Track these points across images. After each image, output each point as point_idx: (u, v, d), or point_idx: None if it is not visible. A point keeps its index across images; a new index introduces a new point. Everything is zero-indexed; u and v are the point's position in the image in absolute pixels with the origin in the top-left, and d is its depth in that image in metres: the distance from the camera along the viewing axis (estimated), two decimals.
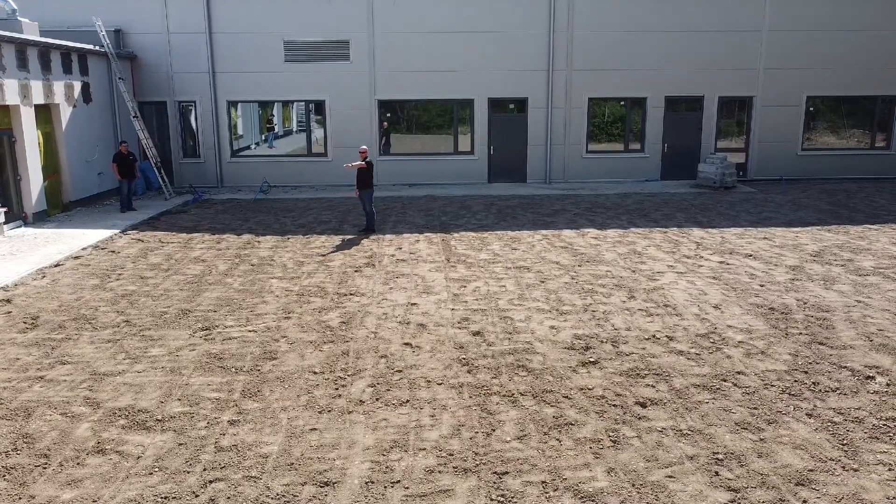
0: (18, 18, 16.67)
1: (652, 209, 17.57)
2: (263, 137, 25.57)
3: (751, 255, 12.62)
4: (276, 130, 26.34)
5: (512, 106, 21.83)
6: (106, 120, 19.23)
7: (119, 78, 19.06)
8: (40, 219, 15.77)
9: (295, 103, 24.90)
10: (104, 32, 18.75)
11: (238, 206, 18.61)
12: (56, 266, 12.10)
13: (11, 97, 14.64)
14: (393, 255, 12.92)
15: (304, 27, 20.74)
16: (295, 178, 21.73)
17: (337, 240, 14.31)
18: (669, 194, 19.88)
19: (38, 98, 15.71)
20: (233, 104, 21.61)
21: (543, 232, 14.87)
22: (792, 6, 21.28)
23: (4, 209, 14.34)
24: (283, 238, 14.52)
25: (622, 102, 22.10)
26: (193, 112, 21.32)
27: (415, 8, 20.78)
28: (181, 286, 10.93)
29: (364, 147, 14.96)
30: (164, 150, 21.11)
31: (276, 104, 24.72)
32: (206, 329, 8.95)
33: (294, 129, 26.72)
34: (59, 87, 16.65)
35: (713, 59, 21.47)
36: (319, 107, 21.76)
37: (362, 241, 14.11)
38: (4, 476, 5.58)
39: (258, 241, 14.21)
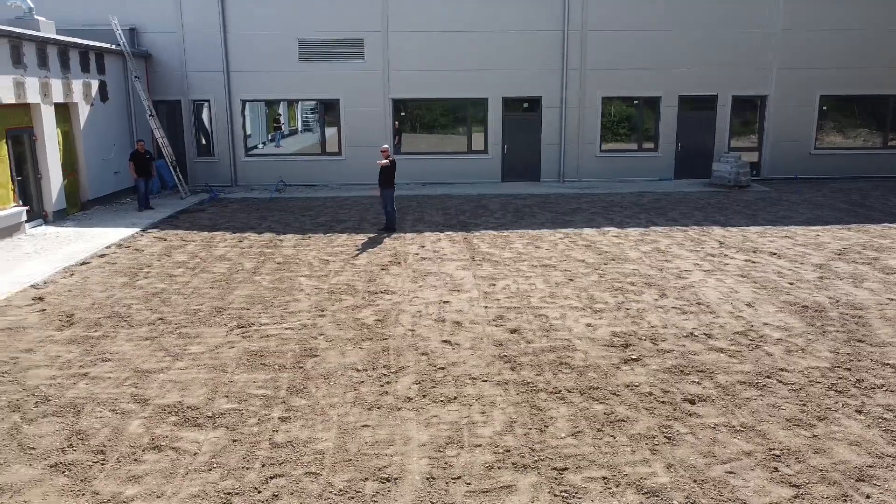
0: (35, 17, 16.66)
1: (669, 208, 17.60)
2: (270, 137, 25.58)
3: (775, 254, 12.65)
4: (284, 130, 26.34)
5: (526, 105, 21.85)
6: (122, 119, 19.23)
7: (135, 77, 19.05)
8: (60, 217, 15.76)
9: (300, 102, 24.87)
10: (120, 31, 18.75)
11: (254, 204, 18.62)
12: (83, 264, 12.09)
13: (32, 95, 14.63)
14: (417, 254, 12.93)
15: (319, 26, 20.75)
16: (309, 177, 21.73)
17: (358, 238, 14.32)
18: (684, 193, 19.91)
19: (58, 97, 15.70)
20: (247, 103, 21.60)
21: (564, 230, 14.90)
22: (806, 5, 21.34)
23: (26, 207, 14.34)
24: (305, 236, 14.52)
25: (636, 101, 22.14)
26: (207, 111, 21.32)
27: (429, 7, 20.80)
28: (210, 284, 10.93)
29: (385, 146, 14.98)
30: (178, 148, 21.08)
31: (281, 103, 24.67)
32: (242, 327, 8.96)
33: (299, 129, 26.70)
34: (77, 85, 16.64)
35: (727, 58, 21.50)
36: (329, 106, 21.74)
37: (384, 240, 14.12)
38: (64, 472, 5.58)
39: (280, 240, 14.22)
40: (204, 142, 21.68)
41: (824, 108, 22.35)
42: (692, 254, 12.71)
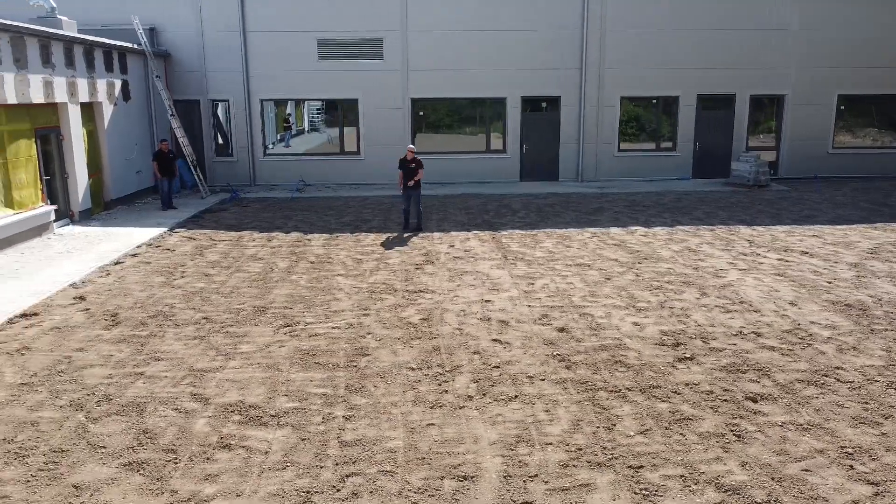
0: (57, 16, 16.65)
1: (692, 207, 17.61)
2: (280, 137, 25.58)
3: (807, 253, 12.66)
4: (293, 130, 26.33)
5: (544, 104, 21.86)
6: (142, 118, 19.22)
7: (156, 76, 19.04)
8: (85, 217, 15.75)
9: (306, 102, 24.81)
10: (142, 30, 18.73)
11: (276, 204, 18.61)
12: (117, 264, 12.09)
13: (60, 95, 14.62)
14: (448, 253, 12.93)
15: (338, 25, 20.74)
16: (327, 176, 21.73)
17: (385, 237, 14.32)
18: (704, 192, 19.93)
19: (84, 96, 15.69)
20: (266, 103, 21.61)
21: (591, 230, 14.90)
22: (823, 5, 21.35)
23: (54, 207, 14.33)
24: (332, 236, 14.52)
25: (654, 101, 22.16)
26: (226, 111, 21.31)
27: (448, 6, 20.80)
28: (248, 283, 10.93)
29: (412, 146, 15.03)
30: (196, 148, 21.04)
31: (289, 102, 24.62)
32: (289, 326, 8.96)
33: (306, 129, 26.69)
34: (101, 85, 16.64)
35: (745, 58, 21.51)
36: (348, 106, 21.69)
37: (412, 239, 14.13)
38: (139, 471, 5.58)
39: (308, 239, 14.22)
40: (222, 141, 21.67)
41: (842, 107, 22.35)
42: (724, 252, 12.72)
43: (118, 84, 17.59)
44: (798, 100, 21.98)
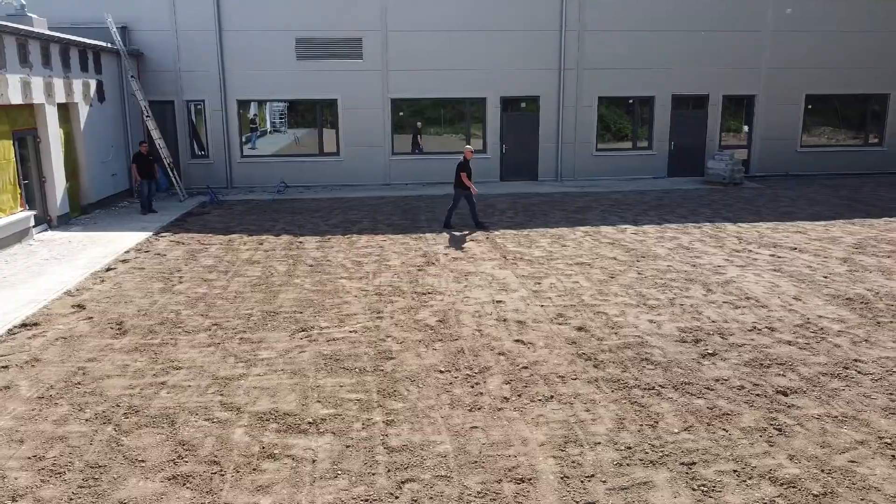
0: (27, 14, 16.04)
1: (674, 205, 17.92)
2: (245, 138, 25.07)
3: (796, 248, 13.00)
4: (258, 130, 25.80)
5: (524, 104, 21.97)
6: (117, 120, 18.66)
7: (131, 76, 18.50)
8: (63, 222, 15.20)
9: (268, 103, 24.34)
10: (115, 29, 18.18)
11: (259, 206, 18.27)
12: (109, 270, 11.69)
13: (38, 95, 14.08)
14: (446, 254, 12.88)
15: (317, 25, 20.48)
16: (306, 177, 21.45)
17: (379, 239, 14.20)
18: (683, 191, 20.30)
19: (61, 97, 15.15)
20: (243, 103, 21.22)
21: (583, 229, 15.03)
22: (793, 7, 21.95)
23: (34, 212, 13.79)
24: (324, 238, 14.32)
25: (630, 101, 22.48)
26: (202, 111, 20.83)
27: (428, 6, 20.73)
28: (250, 288, 10.69)
29: (469, 147, 15.30)
30: (171, 150, 20.50)
31: (251, 103, 24.10)
32: (304, 330, 8.79)
33: (269, 130, 26.21)
34: (77, 85, 16.09)
35: (718, 59, 22.00)
36: (327, 106, 21.44)
37: (407, 241, 14.03)
38: (185, 484, 5.40)
39: (300, 242, 13.99)
40: (197, 143, 21.18)
41: (809, 106, 23.04)
42: (717, 250, 12.97)
43: (93, 84, 17.03)
44: (768, 99, 22.57)
